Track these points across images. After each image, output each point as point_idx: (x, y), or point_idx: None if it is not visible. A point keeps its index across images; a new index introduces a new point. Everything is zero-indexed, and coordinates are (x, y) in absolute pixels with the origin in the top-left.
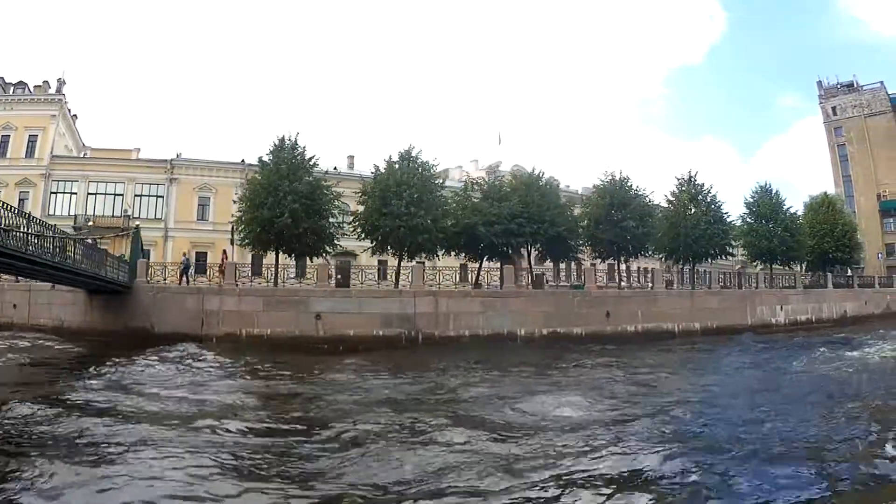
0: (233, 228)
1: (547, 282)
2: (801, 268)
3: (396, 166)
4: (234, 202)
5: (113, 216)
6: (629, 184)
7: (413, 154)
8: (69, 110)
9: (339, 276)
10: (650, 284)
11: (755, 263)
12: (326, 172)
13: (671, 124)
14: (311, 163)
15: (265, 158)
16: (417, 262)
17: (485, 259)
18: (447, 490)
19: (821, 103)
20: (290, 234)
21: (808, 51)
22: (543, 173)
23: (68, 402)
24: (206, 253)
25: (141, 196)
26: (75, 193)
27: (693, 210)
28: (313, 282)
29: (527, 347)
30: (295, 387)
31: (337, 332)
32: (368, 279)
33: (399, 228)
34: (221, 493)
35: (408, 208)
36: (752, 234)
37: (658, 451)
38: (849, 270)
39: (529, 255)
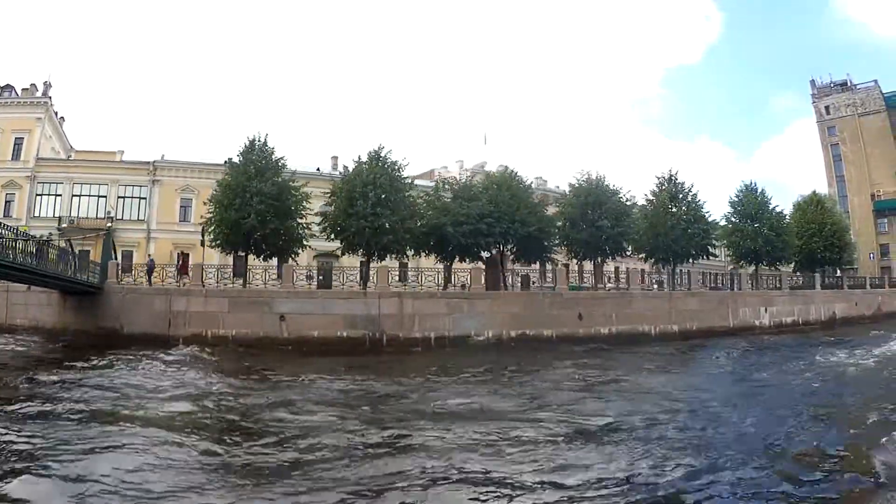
0: (203, 230)
1: (533, 283)
2: (792, 268)
3: (365, 167)
4: (205, 203)
5: (97, 218)
6: (605, 183)
7: (382, 154)
8: (56, 113)
9: (320, 277)
10: (626, 286)
11: (741, 263)
12: (294, 172)
13: (668, 125)
14: (280, 163)
15: (235, 159)
16: (401, 264)
17: (461, 260)
18: None
19: (814, 102)
20: (257, 235)
21: (806, 52)
22: (516, 172)
23: None
24: (188, 254)
25: (124, 198)
26: (60, 195)
27: (673, 209)
28: (354, 284)
29: (493, 350)
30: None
31: (301, 333)
32: (350, 280)
33: (364, 229)
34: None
35: (373, 209)
36: (737, 233)
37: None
38: (838, 271)
39: (502, 256)
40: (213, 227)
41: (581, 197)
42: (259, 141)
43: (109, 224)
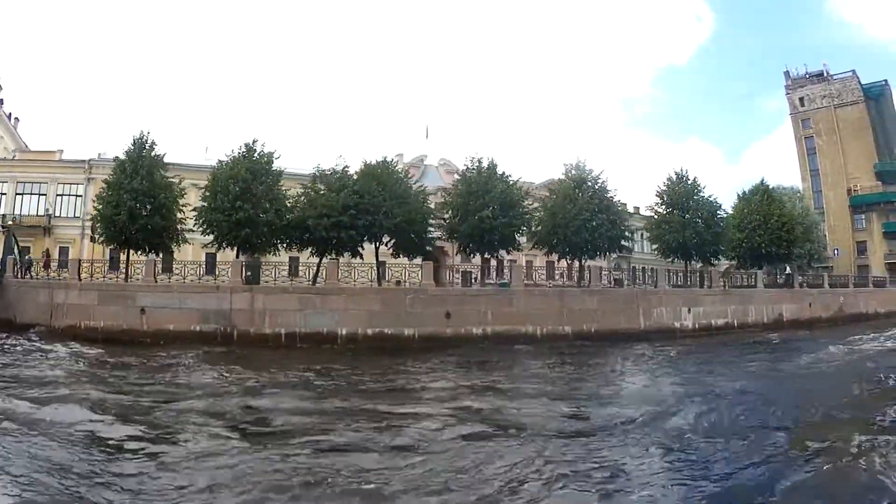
0: (92, 227)
1: (475, 280)
2: (736, 264)
3: (229, 161)
4: (93, 201)
5: (37, 215)
6: (496, 170)
7: (256, 147)
8: (9, 114)
9: (248, 273)
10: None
11: (671, 259)
12: (169, 166)
13: (657, 125)
14: (158, 159)
15: (121, 157)
16: (291, 258)
17: (338, 254)
18: None
19: (787, 94)
20: (130, 230)
21: (799, 53)
22: (397, 162)
23: None
24: (49, 249)
25: (62, 195)
26: (5, 194)
27: (579, 198)
28: (227, 278)
29: (343, 349)
30: None
31: (159, 326)
32: (281, 275)
33: (222, 223)
34: None
35: (232, 203)
36: (661, 226)
37: None
38: (787, 268)
39: (377, 249)
40: (98, 224)
41: (464, 185)
42: (144, 138)
43: (11, 222)
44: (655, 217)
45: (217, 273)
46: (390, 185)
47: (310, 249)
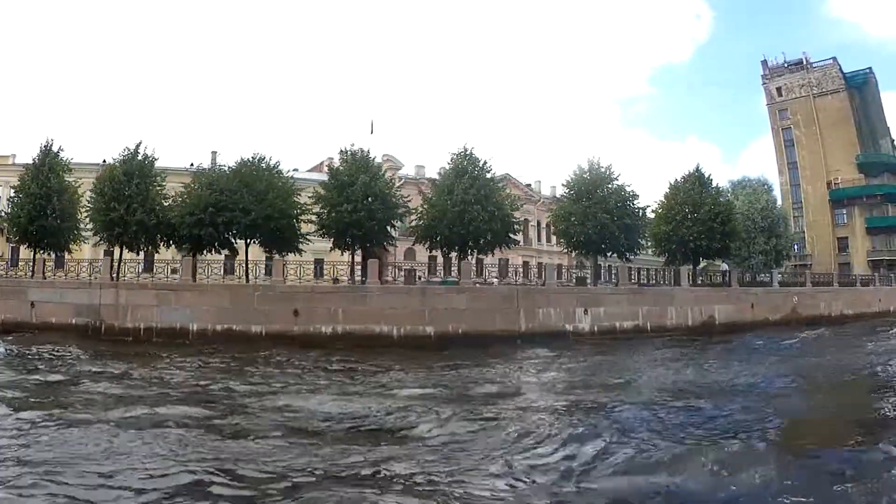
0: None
1: (419, 278)
2: (665, 260)
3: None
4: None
5: None
6: (373, 162)
7: (140, 150)
8: None
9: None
10: (364, 279)
11: (586, 254)
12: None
13: (655, 124)
14: (63, 164)
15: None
16: (193, 255)
17: (208, 252)
18: None
19: (764, 84)
20: (30, 231)
21: (797, 52)
22: (265, 157)
23: None
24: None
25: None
26: None
27: (456, 189)
28: (164, 276)
29: (191, 345)
30: None
31: (45, 319)
32: (214, 272)
33: (98, 223)
34: None
35: (107, 204)
36: (566, 219)
37: None
38: (723, 265)
39: (247, 248)
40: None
41: (335, 179)
42: (49, 144)
43: None
44: (560, 209)
45: (125, 271)
46: (251, 183)
47: (182, 247)
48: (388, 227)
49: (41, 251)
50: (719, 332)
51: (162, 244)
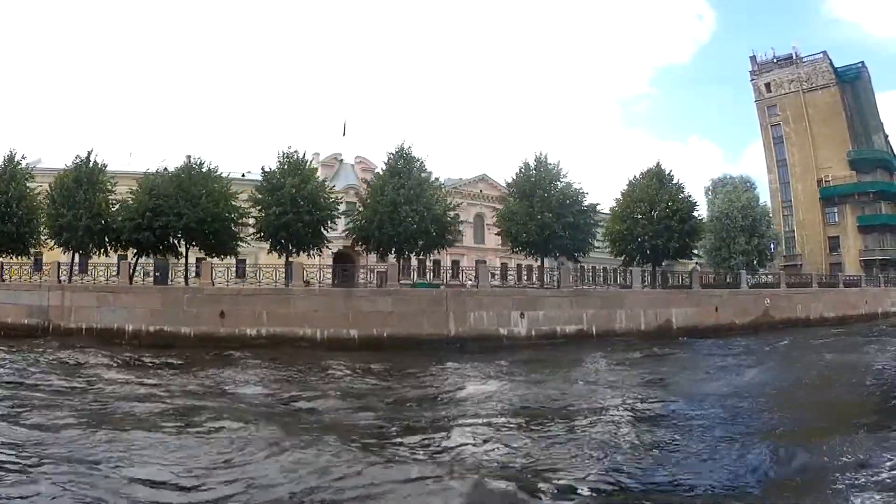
0: None
1: (399, 281)
2: (623, 261)
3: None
4: None
5: None
6: (307, 163)
7: (91, 157)
8: None
9: (157, 274)
10: (288, 282)
11: (534, 256)
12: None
13: (656, 124)
14: (24, 172)
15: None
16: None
17: (160, 255)
18: None
19: (752, 80)
20: None
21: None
22: (202, 161)
23: None
24: None
25: None
26: None
27: (387, 189)
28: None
29: (125, 345)
30: None
31: (2, 320)
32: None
33: (52, 228)
34: None
35: (57, 209)
36: (509, 219)
37: None
38: (688, 266)
39: (187, 251)
40: None
41: (268, 182)
42: (13, 153)
43: None
44: (504, 209)
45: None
46: (187, 188)
47: (127, 250)
48: (322, 230)
49: (2, 255)
50: (676, 336)
51: (111, 248)
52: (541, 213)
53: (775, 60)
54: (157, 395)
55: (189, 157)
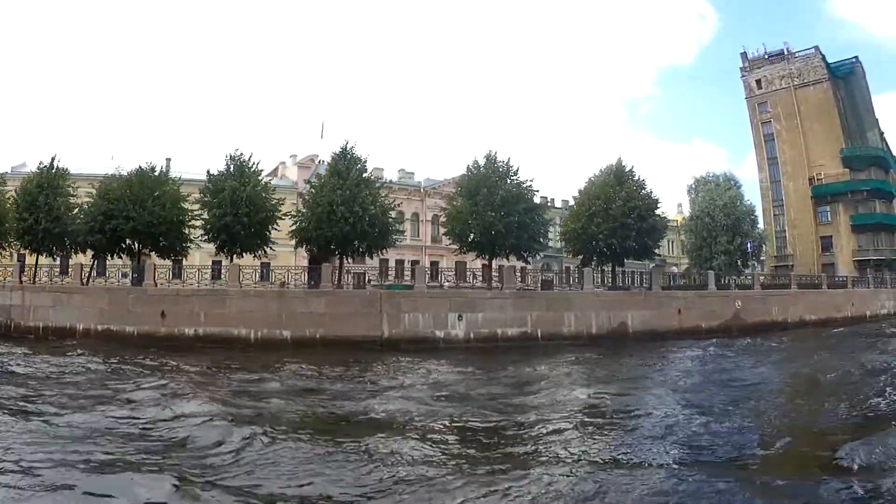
0: None
1: (369, 281)
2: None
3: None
4: None
5: None
6: (251, 166)
7: (55, 163)
8: None
9: (135, 275)
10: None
11: (487, 257)
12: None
13: (660, 125)
14: None
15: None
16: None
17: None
18: None
19: (743, 76)
20: None
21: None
22: (154, 165)
23: None
24: None
25: None
26: None
27: (334, 189)
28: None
29: (71, 345)
30: None
31: None
32: (161, 276)
33: (15, 231)
34: None
35: (20, 213)
36: (454, 218)
37: None
38: (674, 268)
39: (139, 253)
40: None
41: (212, 184)
42: None
43: None
44: (451, 208)
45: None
46: (137, 192)
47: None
48: (266, 232)
49: None
50: (633, 340)
51: (72, 250)
52: (484, 213)
53: (766, 56)
54: None
55: (146, 163)
